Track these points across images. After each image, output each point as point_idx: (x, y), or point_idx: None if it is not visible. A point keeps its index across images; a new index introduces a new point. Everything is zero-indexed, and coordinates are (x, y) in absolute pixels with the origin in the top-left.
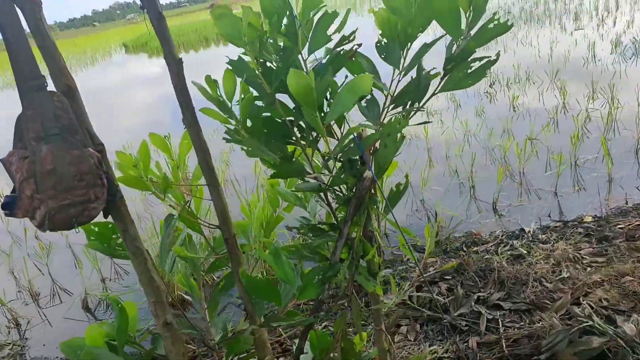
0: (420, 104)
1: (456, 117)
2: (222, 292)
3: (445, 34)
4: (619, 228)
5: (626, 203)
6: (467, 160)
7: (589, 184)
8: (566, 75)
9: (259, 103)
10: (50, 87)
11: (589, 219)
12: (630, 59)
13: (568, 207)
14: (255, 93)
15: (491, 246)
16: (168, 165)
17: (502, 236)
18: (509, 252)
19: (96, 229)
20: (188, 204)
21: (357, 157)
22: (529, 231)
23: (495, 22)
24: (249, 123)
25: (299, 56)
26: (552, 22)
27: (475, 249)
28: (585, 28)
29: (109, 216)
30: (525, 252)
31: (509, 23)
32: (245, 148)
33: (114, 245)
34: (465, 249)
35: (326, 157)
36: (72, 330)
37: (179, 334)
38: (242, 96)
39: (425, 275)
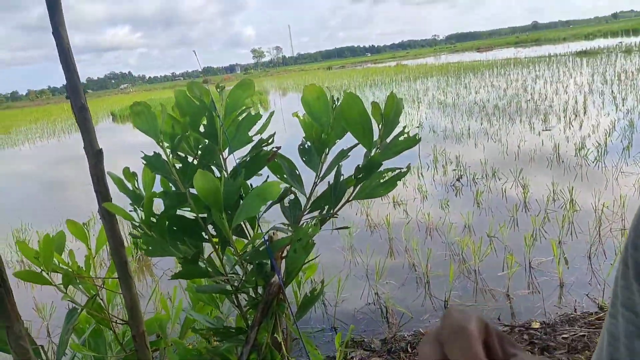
0: (334, 210)
1: (421, 209)
2: None
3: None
4: (563, 338)
5: (575, 310)
6: (424, 254)
7: (541, 287)
8: (530, 174)
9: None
10: None
11: (537, 324)
12: (592, 162)
13: (519, 310)
14: (174, 188)
15: None
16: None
17: None
18: None
19: None
20: (94, 298)
21: (268, 261)
22: None
23: (405, 135)
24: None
25: (221, 155)
26: (522, 121)
27: None
28: (553, 129)
29: None
30: None
31: (418, 137)
32: (144, 247)
33: (3, 338)
34: (410, 349)
35: (238, 258)
36: None
37: None
38: (149, 192)
39: None
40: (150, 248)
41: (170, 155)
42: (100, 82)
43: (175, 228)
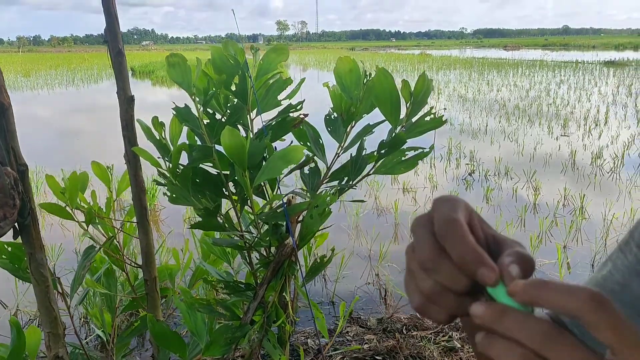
0: (353, 182)
1: (430, 198)
2: (133, 333)
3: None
4: None
5: None
6: None
7: None
8: (543, 176)
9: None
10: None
11: None
12: (607, 173)
13: None
14: (199, 142)
15: (430, 333)
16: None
17: (443, 325)
18: (444, 343)
19: (9, 249)
20: (112, 239)
21: (284, 223)
22: None
23: (432, 115)
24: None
25: (248, 115)
26: (541, 124)
27: (415, 333)
28: (571, 136)
29: (19, 237)
30: (459, 346)
31: (444, 119)
32: (169, 194)
33: (24, 267)
34: (404, 331)
35: (254, 217)
36: None
37: None
38: (176, 143)
39: (331, 353)
40: (174, 196)
41: (201, 109)
42: (123, 36)
43: (197, 180)
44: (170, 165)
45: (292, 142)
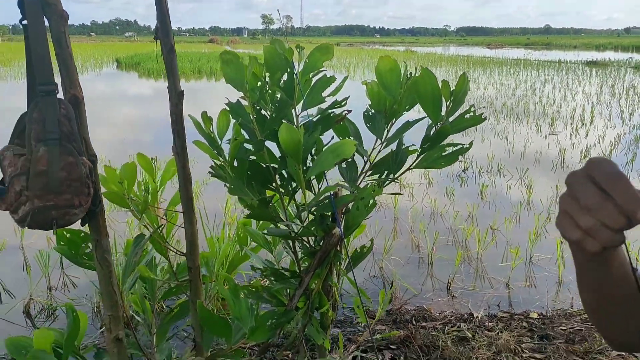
0: (395, 176)
1: (427, 194)
2: (174, 319)
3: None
4: (561, 329)
5: (571, 306)
6: (430, 237)
7: (540, 282)
8: (535, 174)
9: (248, 146)
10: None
11: (535, 315)
12: None
13: (517, 300)
14: (246, 136)
15: (439, 324)
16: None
17: (451, 317)
18: (455, 333)
19: (68, 235)
20: (161, 228)
21: (329, 214)
22: (477, 316)
23: (472, 113)
24: (235, 163)
25: (293, 110)
26: (529, 122)
27: (424, 324)
28: (559, 135)
29: (85, 225)
30: (470, 335)
31: (483, 116)
32: (228, 186)
33: (81, 253)
34: (414, 322)
35: (300, 208)
36: (5, 333)
37: (125, 352)
38: (235, 137)
39: (372, 339)
40: (232, 187)
41: (253, 105)
42: (105, 26)
43: (249, 173)
44: (223, 158)
45: (332, 137)
